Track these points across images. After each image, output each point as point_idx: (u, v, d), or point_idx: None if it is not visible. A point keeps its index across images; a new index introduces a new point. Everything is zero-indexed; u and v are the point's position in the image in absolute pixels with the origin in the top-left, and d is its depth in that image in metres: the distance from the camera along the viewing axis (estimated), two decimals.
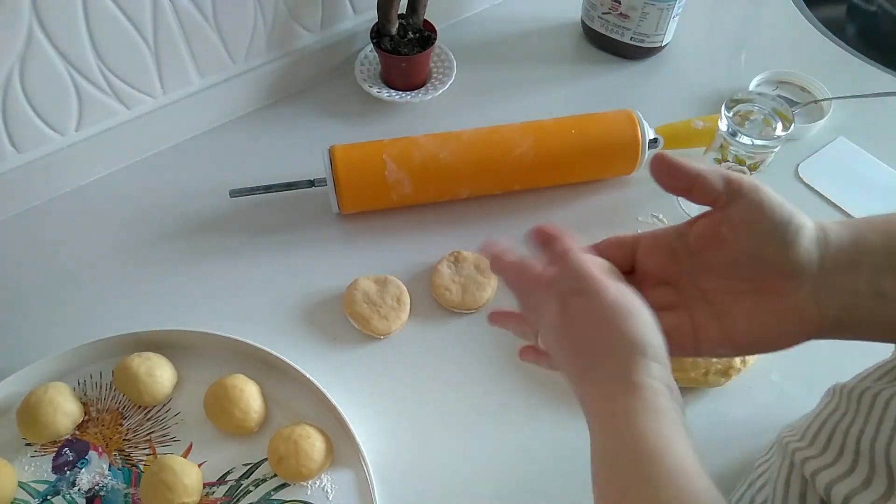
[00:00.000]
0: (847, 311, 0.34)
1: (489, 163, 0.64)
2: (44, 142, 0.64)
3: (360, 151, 0.64)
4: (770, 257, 0.35)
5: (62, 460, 0.53)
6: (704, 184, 0.36)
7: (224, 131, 0.74)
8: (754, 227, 0.35)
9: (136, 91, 0.66)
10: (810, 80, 0.76)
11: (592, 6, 0.78)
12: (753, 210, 0.34)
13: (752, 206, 0.34)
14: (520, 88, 0.78)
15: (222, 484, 0.53)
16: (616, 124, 0.66)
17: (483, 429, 0.56)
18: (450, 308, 0.61)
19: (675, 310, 0.38)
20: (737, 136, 0.59)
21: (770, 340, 0.36)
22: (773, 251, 0.34)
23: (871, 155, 0.72)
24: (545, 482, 0.53)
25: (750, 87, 0.76)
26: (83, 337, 0.56)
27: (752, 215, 0.35)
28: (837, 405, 0.38)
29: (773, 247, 0.34)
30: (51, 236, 0.66)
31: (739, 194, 0.35)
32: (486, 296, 0.61)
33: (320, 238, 0.66)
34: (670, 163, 0.37)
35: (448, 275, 0.61)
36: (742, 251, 0.35)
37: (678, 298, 0.38)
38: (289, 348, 0.57)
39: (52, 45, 0.58)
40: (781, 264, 0.34)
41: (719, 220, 0.36)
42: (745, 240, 0.35)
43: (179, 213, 0.67)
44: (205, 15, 0.65)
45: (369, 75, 0.75)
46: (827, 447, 0.36)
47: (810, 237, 0.34)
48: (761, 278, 0.35)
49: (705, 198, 0.36)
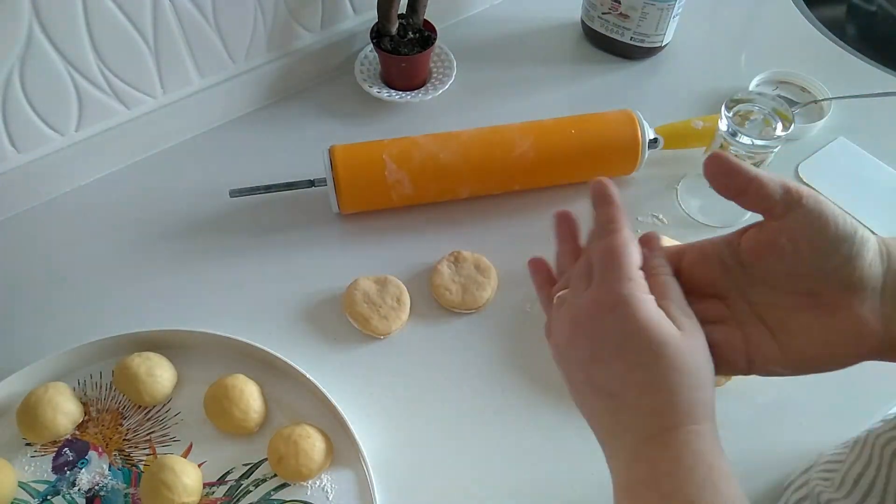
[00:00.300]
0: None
1: (489, 163, 0.64)
2: (44, 142, 0.64)
3: (360, 151, 0.64)
4: (834, 271, 0.33)
5: (62, 460, 0.53)
6: (760, 189, 0.33)
7: (224, 131, 0.74)
8: (818, 238, 0.33)
9: (136, 91, 0.66)
10: (810, 80, 0.76)
11: (592, 6, 0.78)
12: (816, 221, 0.33)
13: (815, 217, 0.33)
14: (520, 88, 0.78)
15: (222, 484, 0.53)
16: (616, 124, 0.66)
17: (483, 428, 0.56)
18: (450, 308, 0.61)
19: (725, 323, 0.36)
20: (737, 136, 0.59)
21: (829, 359, 0.34)
22: (838, 264, 0.33)
23: (871, 155, 0.72)
24: (545, 482, 0.53)
25: (750, 87, 0.76)
26: (83, 337, 0.56)
27: (815, 226, 0.33)
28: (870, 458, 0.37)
29: (838, 260, 0.33)
30: (51, 236, 0.66)
31: (799, 204, 0.33)
32: (486, 296, 0.61)
33: (320, 238, 0.66)
34: (727, 162, 0.34)
35: (448, 275, 0.61)
36: (804, 264, 0.33)
37: (728, 312, 0.36)
38: (289, 348, 0.57)
39: (52, 45, 0.58)
40: (845, 278, 0.33)
41: (777, 230, 0.34)
42: (808, 252, 0.33)
43: (179, 213, 0.67)
44: (205, 15, 0.65)
45: (369, 75, 0.75)
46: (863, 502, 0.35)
47: (875, 251, 0.33)
48: (823, 292, 0.33)
49: (759, 204, 0.34)
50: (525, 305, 0.62)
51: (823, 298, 0.33)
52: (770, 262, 0.35)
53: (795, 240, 0.33)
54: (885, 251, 0.33)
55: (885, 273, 0.33)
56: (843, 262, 0.32)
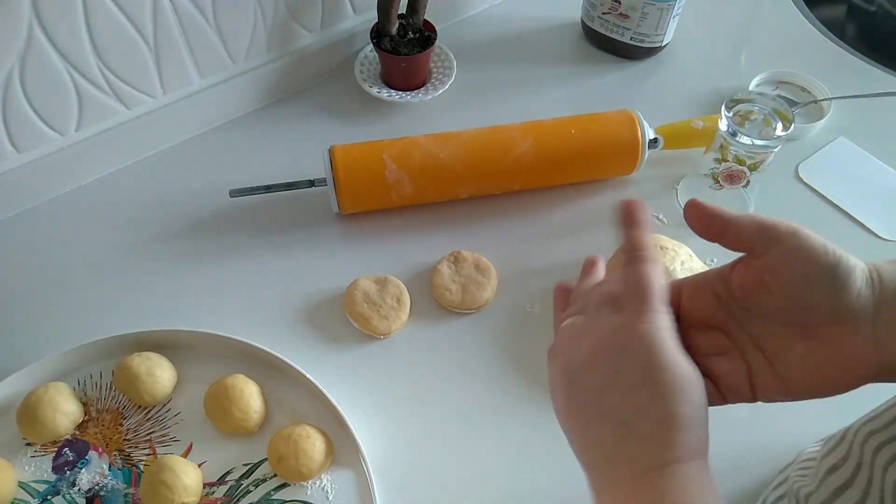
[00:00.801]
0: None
1: (489, 163, 0.64)
2: (44, 142, 0.64)
3: (360, 151, 0.64)
4: (820, 304, 0.33)
5: (62, 460, 0.53)
6: (737, 231, 0.34)
7: (224, 131, 0.74)
8: (800, 274, 0.33)
9: (136, 91, 0.66)
10: (810, 79, 0.76)
11: (592, 6, 0.78)
12: (795, 256, 0.33)
13: (794, 253, 0.33)
14: (520, 88, 0.78)
15: (222, 484, 0.53)
16: (616, 124, 0.66)
17: (483, 429, 0.56)
18: (450, 308, 0.61)
19: (728, 354, 0.36)
20: (737, 136, 0.59)
21: (826, 386, 0.34)
22: (823, 297, 0.33)
23: (871, 155, 0.72)
24: (545, 482, 0.53)
25: (750, 87, 0.76)
26: (83, 337, 0.56)
27: (795, 262, 0.33)
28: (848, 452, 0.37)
29: (823, 293, 0.33)
30: (51, 236, 0.66)
31: (778, 241, 0.33)
32: (486, 296, 0.61)
33: (320, 238, 0.66)
34: (703, 207, 0.35)
35: (448, 275, 0.61)
36: (790, 298, 0.34)
37: (729, 343, 0.37)
38: (289, 348, 0.57)
39: (52, 45, 0.58)
40: (833, 310, 0.33)
41: (761, 267, 0.34)
42: (792, 287, 0.33)
43: (179, 213, 0.67)
44: (205, 15, 0.65)
45: (369, 75, 0.75)
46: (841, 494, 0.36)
47: (862, 279, 0.32)
48: (813, 324, 0.34)
49: (739, 245, 0.35)
50: (525, 305, 0.62)
51: (815, 330, 0.34)
52: (759, 298, 0.35)
53: (779, 276, 0.33)
54: (876, 277, 0.33)
55: (876, 299, 0.32)
56: (829, 295, 0.33)
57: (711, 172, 0.64)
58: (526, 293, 0.62)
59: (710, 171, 0.64)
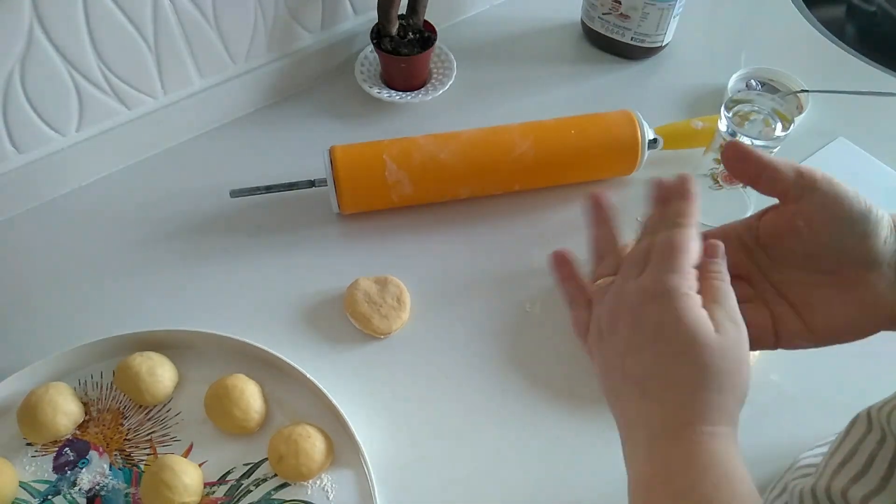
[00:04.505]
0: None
1: (489, 163, 0.64)
2: (44, 142, 0.64)
3: (361, 152, 0.64)
4: (851, 250, 0.34)
5: (63, 460, 0.53)
6: (774, 173, 0.35)
7: (224, 131, 0.74)
8: (834, 220, 0.34)
9: (137, 91, 0.66)
10: (788, 74, 0.76)
11: (592, 6, 0.78)
12: (831, 203, 0.34)
13: (830, 199, 0.34)
14: (520, 88, 0.78)
15: (223, 484, 0.53)
16: (616, 124, 0.66)
17: (483, 429, 0.56)
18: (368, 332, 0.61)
19: (751, 302, 0.37)
20: (736, 137, 0.59)
21: (850, 330, 0.35)
22: (854, 243, 0.34)
23: (870, 155, 0.72)
24: (545, 482, 0.53)
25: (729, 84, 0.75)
26: (83, 337, 0.56)
27: (830, 208, 0.34)
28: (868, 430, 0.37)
29: (854, 239, 0.34)
30: (51, 236, 0.66)
31: (813, 187, 0.34)
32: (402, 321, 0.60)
33: (320, 238, 0.66)
34: (741, 149, 0.36)
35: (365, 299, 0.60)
36: (821, 244, 0.35)
37: (752, 292, 0.38)
38: (289, 348, 0.57)
39: (53, 45, 0.58)
40: (862, 256, 0.34)
41: (794, 213, 0.35)
42: (825, 233, 0.34)
43: (179, 213, 0.67)
44: (205, 15, 0.65)
45: (369, 76, 0.75)
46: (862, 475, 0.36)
47: (889, 227, 0.34)
48: (840, 270, 0.35)
49: (773, 188, 0.36)
50: (525, 305, 0.62)
51: (841, 275, 0.35)
52: (788, 244, 0.36)
53: (811, 222, 0.35)
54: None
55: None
56: (859, 241, 0.34)
57: (711, 172, 0.64)
58: (525, 293, 0.62)
59: (709, 172, 0.64)
